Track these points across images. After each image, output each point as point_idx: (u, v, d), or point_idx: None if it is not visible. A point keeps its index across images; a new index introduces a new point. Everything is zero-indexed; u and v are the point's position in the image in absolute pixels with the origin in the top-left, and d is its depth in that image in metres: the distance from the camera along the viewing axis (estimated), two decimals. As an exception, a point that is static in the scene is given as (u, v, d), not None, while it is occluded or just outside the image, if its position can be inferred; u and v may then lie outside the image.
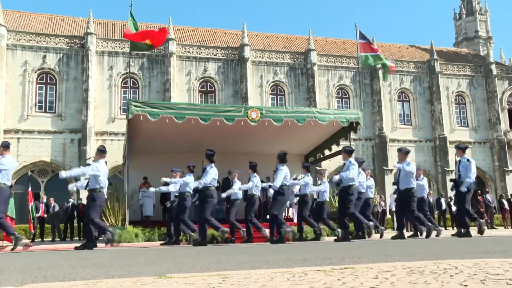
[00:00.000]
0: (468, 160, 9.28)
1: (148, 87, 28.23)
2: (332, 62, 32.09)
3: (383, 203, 19.62)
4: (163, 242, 9.95)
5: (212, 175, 9.02)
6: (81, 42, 27.67)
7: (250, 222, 9.87)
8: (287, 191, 9.40)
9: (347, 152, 9.45)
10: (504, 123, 33.79)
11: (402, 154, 9.55)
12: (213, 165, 9.14)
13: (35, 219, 16.10)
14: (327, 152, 15.45)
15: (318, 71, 31.13)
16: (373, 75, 31.97)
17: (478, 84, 34.44)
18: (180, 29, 32.62)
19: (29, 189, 16.25)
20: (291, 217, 14.66)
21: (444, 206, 20.07)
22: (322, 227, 10.52)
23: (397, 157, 9.72)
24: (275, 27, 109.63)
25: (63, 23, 30.68)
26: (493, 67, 34.54)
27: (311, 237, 10.48)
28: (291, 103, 29.77)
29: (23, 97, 26.06)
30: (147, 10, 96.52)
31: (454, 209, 19.19)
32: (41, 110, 26.58)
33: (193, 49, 29.88)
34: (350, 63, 32.14)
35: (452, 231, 13.62)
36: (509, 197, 23.47)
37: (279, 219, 9.11)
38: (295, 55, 31.51)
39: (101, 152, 8.41)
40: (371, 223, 9.35)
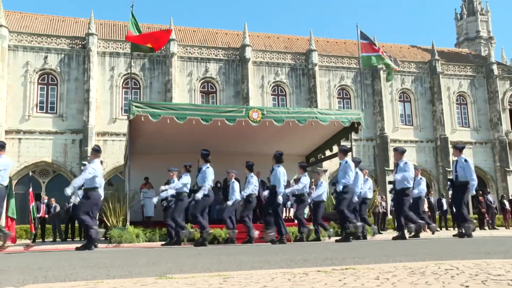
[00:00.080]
0: (465, 160, 9.22)
1: (149, 87, 28.25)
2: (333, 62, 32.07)
3: (384, 203, 19.59)
4: (164, 242, 9.96)
5: (211, 176, 9.03)
6: (83, 42, 27.70)
7: (242, 220, 9.91)
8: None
9: (343, 151, 9.43)
10: (505, 124, 33.74)
11: (398, 153, 9.53)
12: (208, 164, 9.12)
13: (36, 220, 16.13)
14: (328, 152, 15.43)
15: (319, 71, 31.12)
16: (375, 75, 31.95)
17: (479, 84, 34.40)
18: (181, 30, 32.63)
19: (30, 190, 16.27)
20: (292, 218, 14.64)
21: (445, 206, 20.04)
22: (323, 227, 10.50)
23: (393, 157, 9.69)
24: (276, 27, 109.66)
25: (65, 24, 30.72)
26: (495, 67, 34.49)
27: (312, 238, 10.47)
28: (292, 104, 29.75)
29: (24, 98, 26.09)
30: (148, 10, 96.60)
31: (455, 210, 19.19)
32: (42, 110, 26.61)
33: (194, 50, 29.89)
34: (351, 64, 32.12)
35: (453, 231, 13.59)
36: (510, 197, 23.46)
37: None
38: (296, 56, 31.50)
39: (96, 152, 8.42)
40: (359, 224, 9.09)
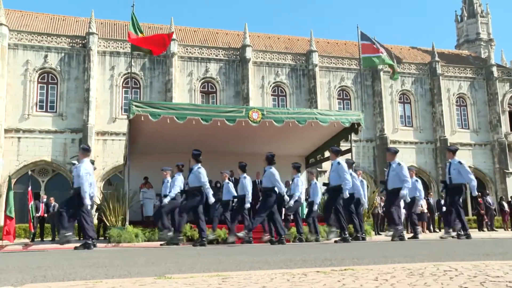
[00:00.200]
0: (459, 162, 9.20)
1: (149, 87, 28.25)
2: (333, 63, 32.08)
3: (383, 204, 19.54)
4: (162, 242, 9.96)
5: (205, 176, 9.03)
6: (83, 42, 27.70)
7: (232, 221, 9.92)
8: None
9: (334, 152, 9.39)
10: (505, 125, 33.76)
11: (390, 154, 9.48)
12: (200, 165, 9.11)
13: (35, 219, 16.12)
14: (328, 153, 15.44)
15: (319, 72, 31.13)
16: (375, 76, 31.96)
17: (479, 86, 34.43)
18: (181, 30, 32.64)
19: (29, 189, 16.26)
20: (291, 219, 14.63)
21: (444, 207, 20.02)
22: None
23: (386, 157, 9.63)
24: (276, 28, 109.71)
25: (65, 22, 30.71)
26: (494, 69, 34.52)
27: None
28: (292, 104, 29.76)
29: (24, 97, 26.08)
30: (149, 10, 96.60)
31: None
32: (42, 109, 26.60)
33: (195, 50, 29.89)
34: (351, 65, 32.13)
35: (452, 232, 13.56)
36: (509, 199, 23.47)
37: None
38: (297, 56, 31.51)
39: (86, 151, 8.39)
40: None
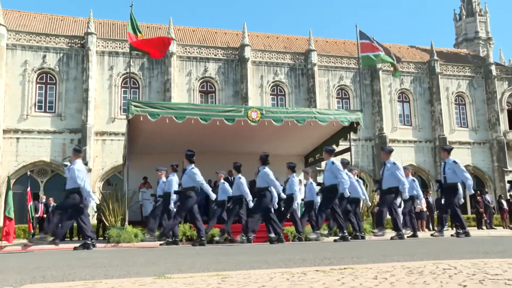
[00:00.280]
0: (454, 161, 9.11)
1: (148, 87, 28.22)
2: (332, 62, 32.08)
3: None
4: (162, 242, 9.95)
5: (200, 175, 9.01)
6: (81, 42, 27.66)
7: (227, 221, 9.94)
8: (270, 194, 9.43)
9: (328, 151, 9.32)
10: (503, 124, 33.80)
11: (385, 153, 9.45)
12: (193, 165, 9.09)
13: (34, 219, 16.10)
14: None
15: (318, 71, 31.13)
16: (374, 75, 31.97)
17: (478, 85, 34.46)
18: (180, 29, 32.61)
19: (28, 189, 16.24)
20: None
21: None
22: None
23: (381, 157, 9.61)
24: (275, 27, 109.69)
25: (63, 23, 30.67)
26: (493, 68, 34.55)
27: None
28: (291, 104, 29.76)
29: (22, 97, 26.04)
30: (147, 10, 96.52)
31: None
32: (40, 110, 26.56)
33: (194, 49, 29.87)
34: (350, 64, 32.13)
35: (451, 231, 13.60)
36: (508, 197, 23.48)
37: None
38: (296, 56, 31.50)
39: (77, 152, 8.41)
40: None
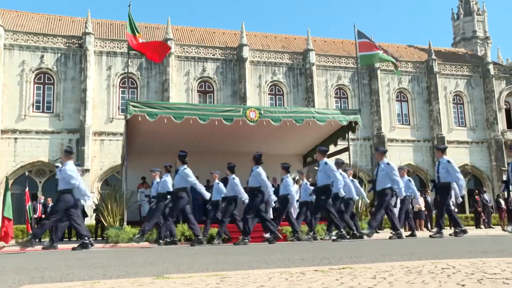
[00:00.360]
0: (448, 161, 9.10)
1: (146, 87, 28.20)
2: (330, 62, 32.10)
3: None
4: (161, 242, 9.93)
5: (192, 175, 9.01)
6: (79, 42, 27.62)
7: (221, 222, 9.93)
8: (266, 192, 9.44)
9: (321, 152, 9.30)
10: (501, 123, 33.88)
11: (379, 153, 9.44)
12: (186, 166, 9.08)
13: (32, 220, 16.07)
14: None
15: (316, 71, 31.13)
16: (372, 75, 31.99)
17: (475, 84, 34.52)
18: (178, 29, 32.58)
19: (27, 190, 16.20)
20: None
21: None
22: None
23: (375, 157, 9.66)
24: (273, 27, 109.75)
25: (61, 23, 30.62)
26: (491, 67, 34.62)
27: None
28: (290, 103, 29.77)
29: (20, 97, 25.99)
30: (145, 10, 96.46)
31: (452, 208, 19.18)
32: (38, 110, 26.51)
33: (192, 49, 29.85)
34: (348, 63, 32.15)
35: (449, 230, 13.63)
36: (506, 196, 23.51)
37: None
38: (294, 55, 31.51)
39: (69, 153, 8.38)
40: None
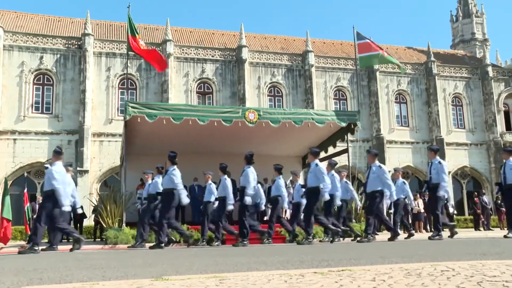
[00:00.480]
0: (439, 162, 9.13)
1: (145, 88, 28.18)
2: (329, 63, 32.12)
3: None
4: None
5: (179, 178, 8.94)
6: (79, 43, 27.60)
7: (217, 223, 9.93)
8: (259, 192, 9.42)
9: (313, 153, 9.27)
10: (500, 125, 33.91)
11: (371, 156, 9.42)
12: (175, 167, 9.06)
13: (31, 221, 16.03)
14: (323, 154, 15.45)
15: (315, 72, 31.15)
16: (371, 76, 32.02)
17: (474, 86, 34.56)
18: (177, 30, 32.59)
19: (25, 191, 16.17)
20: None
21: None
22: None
23: (367, 160, 9.65)
24: (273, 28, 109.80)
25: (60, 24, 30.60)
26: (490, 69, 34.66)
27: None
28: (289, 105, 29.77)
29: (19, 98, 25.95)
30: (144, 11, 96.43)
31: (451, 210, 19.20)
32: (38, 111, 26.48)
33: (191, 50, 29.85)
34: (347, 65, 32.17)
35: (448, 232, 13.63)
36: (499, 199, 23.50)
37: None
38: (293, 57, 31.53)
39: (58, 154, 8.30)
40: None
